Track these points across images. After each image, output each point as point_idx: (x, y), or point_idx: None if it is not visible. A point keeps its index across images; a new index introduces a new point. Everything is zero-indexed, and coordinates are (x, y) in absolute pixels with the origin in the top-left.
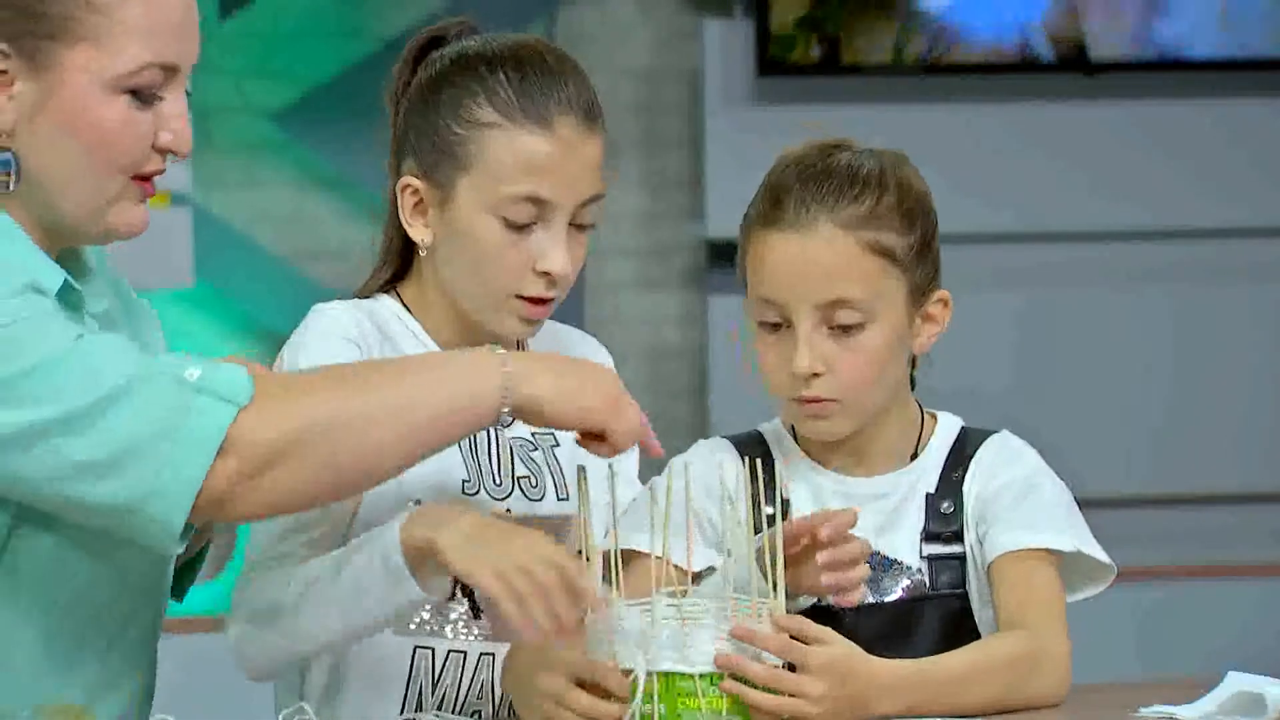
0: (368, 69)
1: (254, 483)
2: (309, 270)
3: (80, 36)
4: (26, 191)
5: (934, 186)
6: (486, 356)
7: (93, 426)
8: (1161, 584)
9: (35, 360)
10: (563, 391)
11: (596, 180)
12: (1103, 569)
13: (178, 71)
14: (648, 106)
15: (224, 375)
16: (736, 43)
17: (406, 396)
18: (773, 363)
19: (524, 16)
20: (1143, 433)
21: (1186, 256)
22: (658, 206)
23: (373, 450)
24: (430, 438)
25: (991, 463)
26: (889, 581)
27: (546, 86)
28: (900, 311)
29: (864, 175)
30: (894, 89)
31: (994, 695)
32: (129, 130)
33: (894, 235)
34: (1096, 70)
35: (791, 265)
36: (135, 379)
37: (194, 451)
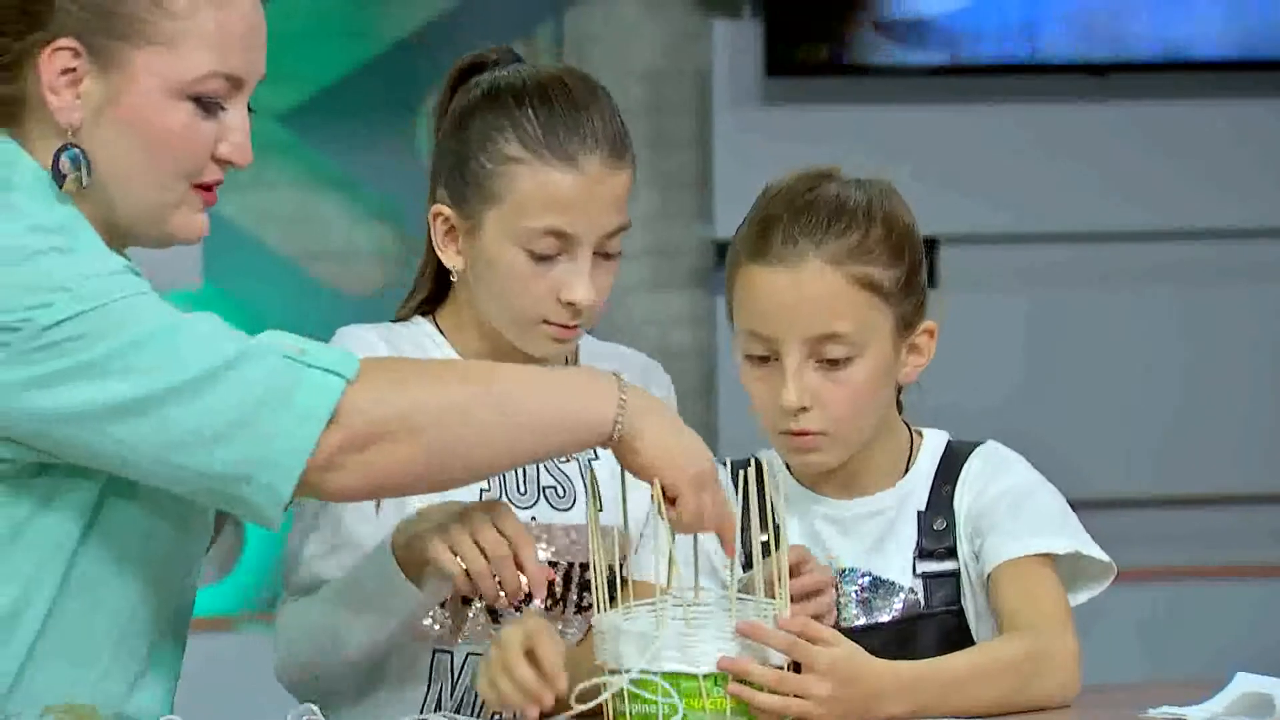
0: (375, 70)
1: (359, 457)
2: (316, 271)
3: (150, 39)
4: (89, 191)
5: (942, 187)
6: (607, 381)
7: (205, 396)
8: (1167, 585)
9: (148, 330)
10: (665, 445)
11: (621, 212)
12: (1102, 569)
13: (243, 84)
14: (656, 107)
15: (331, 352)
16: (745, 43)
17: (521, 397)
18: (761, 395)
19: (532, 19)
20: (1149, 433)
21: (1193, 257)
22: (666, 207)
23: (479, 442)
24: (537, 443)
25: (980, 474)
26: (881, 602)
27: (572, 123)
28: (887, 344)
29: (851, 207)
30: (902, 90)
31: (999, 696)
32: (190, 137)
33: (881, 269)
34: (1105, 71)
35: (779, 299)
36: (245, 352)
37: (304, 421)
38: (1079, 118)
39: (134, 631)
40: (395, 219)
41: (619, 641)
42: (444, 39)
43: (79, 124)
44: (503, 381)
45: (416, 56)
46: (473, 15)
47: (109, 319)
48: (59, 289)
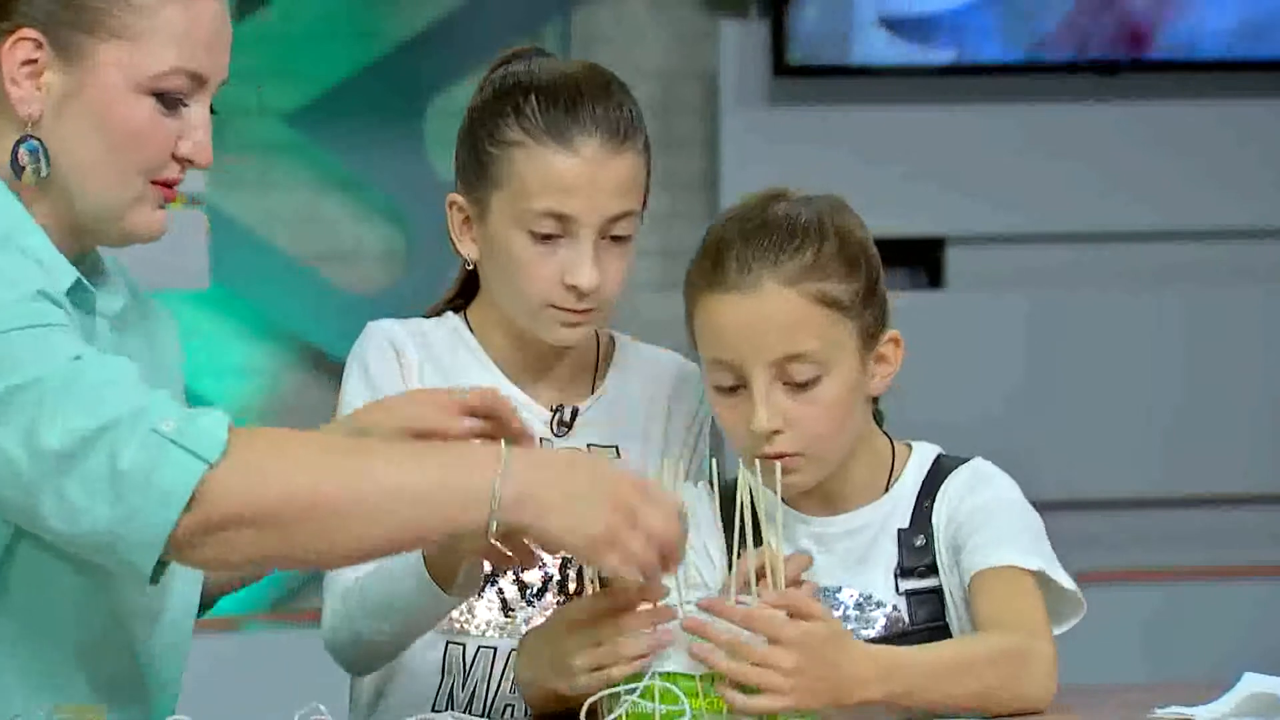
0: (382, 70)
1: (211, 538)
2: (324, 271)
3: (114, 33)
4: (48, 186)
5: (948, 187)
6: (488, 470)
7: (72, 467)
8: (1170, 585)
9: (31, 376)
10: (560, 517)
11: (626, 197)
12: (1072, 606)
13: (205, 83)
14: (663, 107)
15: (199, 428)
16: (752, 44)
17: (389, 498)
18: (732, 423)
19: (539, 19)
20: (1153, 433)
21: (1198, 257)
22: (674, 207)
23: (338, 542)
24: (402, 545)
25: (960, 489)
26: (864, 619)
27: (572, 108)
28: (854, 358)
29: (803, 225)
30: (909, 90)
31: (979, 690)
32: (152, 133)
33: (838, 283)
34: (1111, 71)
35: (740, 326)
36: (118, 420)
37: (162, 505)
38: (1084, 118)
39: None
40: (402, 219)
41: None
42: (450, 39)
43: (39, 116)
44: (374, 480)
45: (423, 57)
46: (479, 15)
47: (2, 350)
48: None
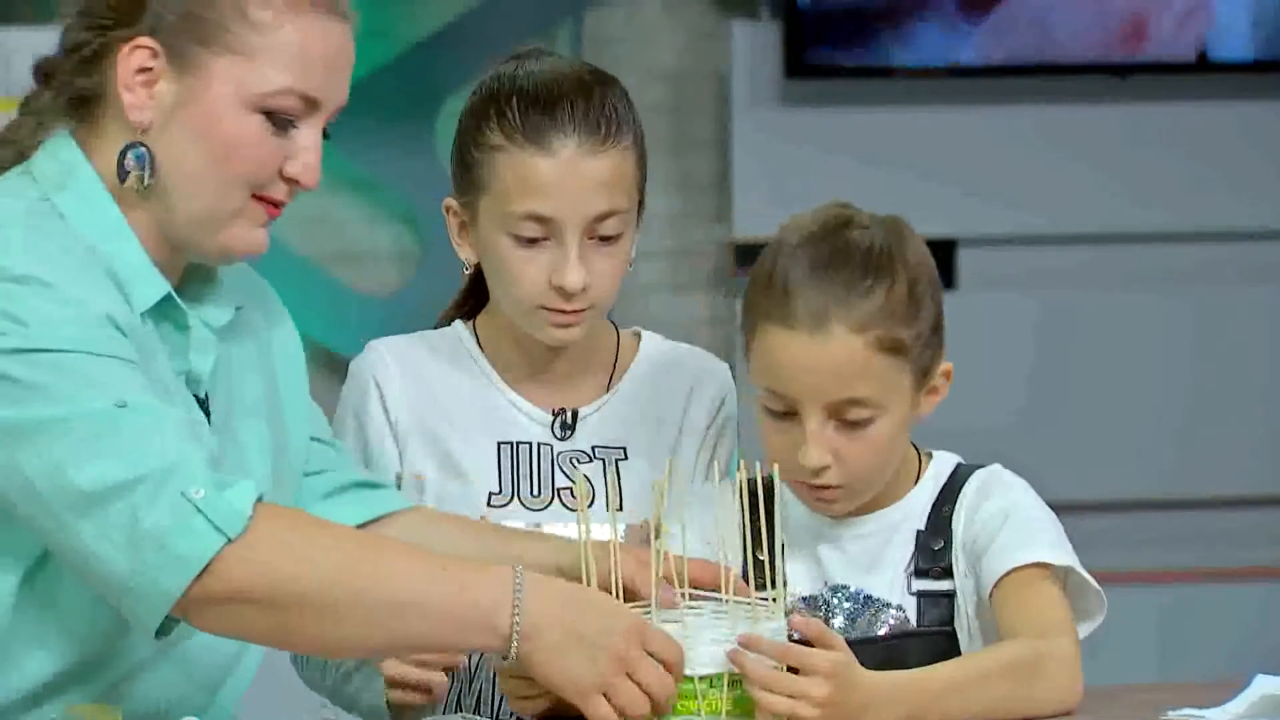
0: (395, 71)
1: (215, 608)
2: (337, 272)
3: (231, 48)
4: (149, 195)
5: (960, 189)
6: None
7: (94, 514)
8: (1181, 587)
9: (68, 411)
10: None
11: (611, 196)
12: (1096, 603)
13: (319, 106)
14: (675, 108)
15: (226, 501)
16: (764, 45)
17: (395, 601)
18: (779, 447)
19: (551, 20)
20: (1164, 434)
21: (1212, 259)
22: (685, 208)
23: (346, 637)
24: (403, 651)
25: (977, 495)
26: (869, 620)
27: (550, 109)
28: (908, 396)
29: (875, 263)
30: (921, 91)
31: (994, 700)
32: (258, 149)
33: (904, 327)
34: (1122, 73)
35: (802, 366)
36: (145, 477)
37: (175, 569)
38: (1096, 119)
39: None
40: (414, 220)
41: None
42: (464, 40)
43: (149, 124)
44: (389, 588)
45: (436, 57)
46: (492, 17)
47: (49, 372)
48: (16, 320)
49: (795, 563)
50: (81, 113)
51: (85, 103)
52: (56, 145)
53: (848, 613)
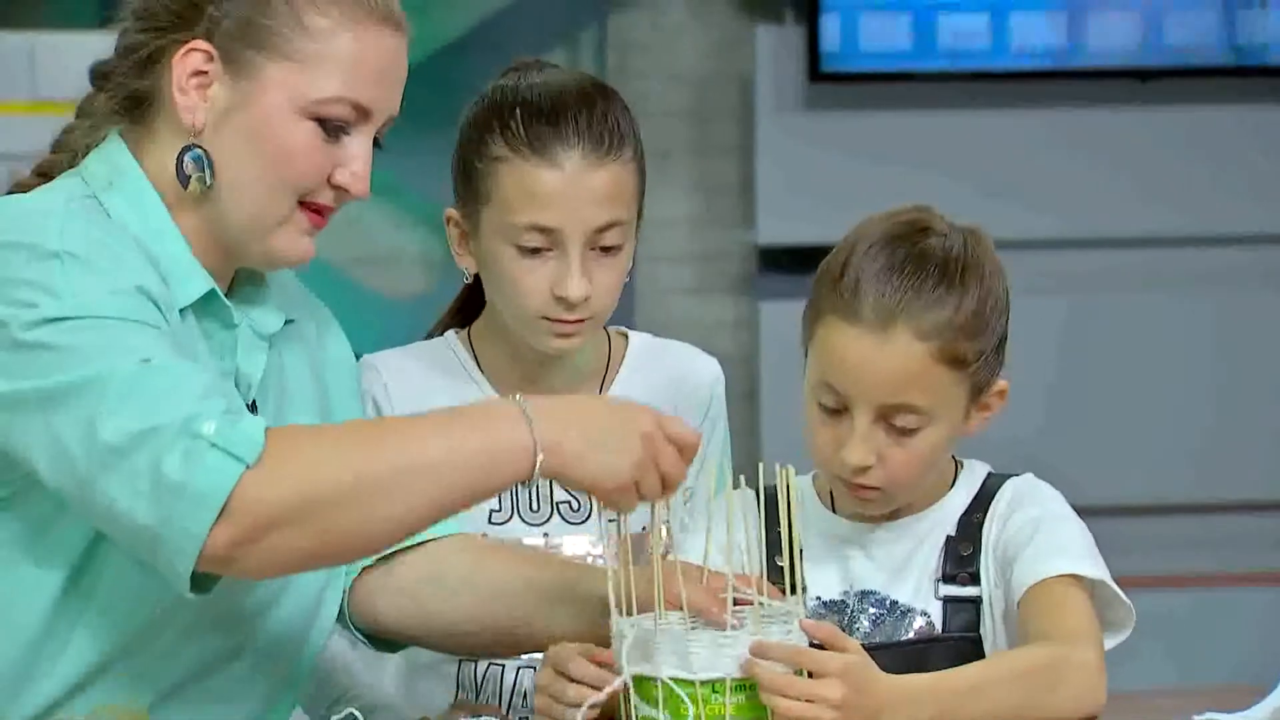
0: (420, 76)
1: (253, 547)
2: (360, 276)
3: (285, 55)
4: (199, 198)
5: (980, 192)
6: (514, 424)
7: (119, 466)
8: (1203, 591)
9: (98, 371)
10: (592, 463)
11: (612, 207)
12: (1124, 614)
13: (370, 116)
14: (699, 112)
15: (238, 431)
16: (788, 48)
17: (423, 463)
18: (824, 441)
19: (576, 24)
20: (1186, 438)
21: (1232, 262)
22: (709, 212)
23: (379, 519)
24: (445, 506)
25: (1010, 504)
26: (894, 625)
27: (554, 121)
28: (959, 410)
29: (950, 272)
30: (945, 95)
31: (1013, 705)
32: (308, 155)
33: (968, 342)
34: (1144, 77)
35: (860, 364)
36: (165, 425)
37: (198, 508)
38: (1119, 123)
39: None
40: (439, 224)
41: (626, 645)
42: (488, 44)
43: (201, 126)
44: (405, 450)
45: (461, 62)
46: (517, 21)
47: (77, 337)
48: (47, 291)
49: (822, 568)
50: (134, 115)
51: (138, 105)
52: (107, 147)
53: (873, 618)
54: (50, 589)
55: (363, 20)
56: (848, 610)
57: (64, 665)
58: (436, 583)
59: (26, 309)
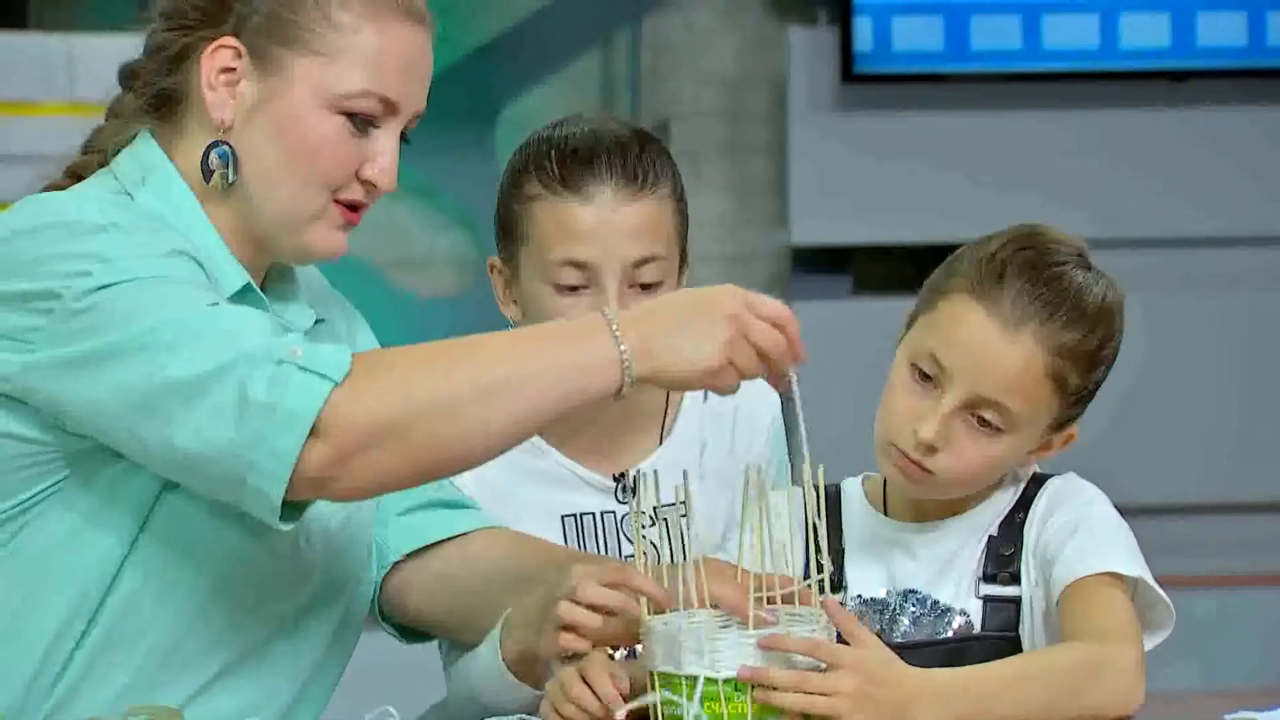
0: (455, 78)
1: (347, 468)
2: (396, 277)
3: (313, 49)
4: (231, 193)
5: (1011, 192)
6: (602, 332)
7: (201, 400)
8: (1229, 591)
9: (166, 318)
10: (682, 355)
11: (649, 241)
12: (1164, 614)
13: (397, 110)
14: (732, 113)
15: (324, 354)
16: (821, 50)
17: (515, 376)
18: (902, 409)
19: (609, 26)
20: (1216, 439)
21: (1262, 263)
22: (742, 213)
23: (475, 431)
24: (536, 419)
25: (1050, 503)
26: (931, 624)
27: (588, 160)
28: (1038, 434)
29: (1088, 305)
30: (976, 96)
31: (1046, 702)
32: (336, 149)
33: (1078, 374)
34: (1179, 78)
35: (979, 348)
36: (245, 355)
37: (287, 428)
38: (1148, 124)
39: (191, 649)
40: (473, 225)
41: (651, 642)
42: (522, 47)
43: (230, 123)
44: (496, 363)
45: (495, 64)
46: (551, 23)
47: (133, 297)
48: (98, 259)
49: (866, 567)
50: (163, 112)
51: (167, 102)
52: (137, 145)
53: (913, 616)
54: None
55: (386, 15)
56: (889, 609)
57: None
58: (469, 574)
59: (80, 278)
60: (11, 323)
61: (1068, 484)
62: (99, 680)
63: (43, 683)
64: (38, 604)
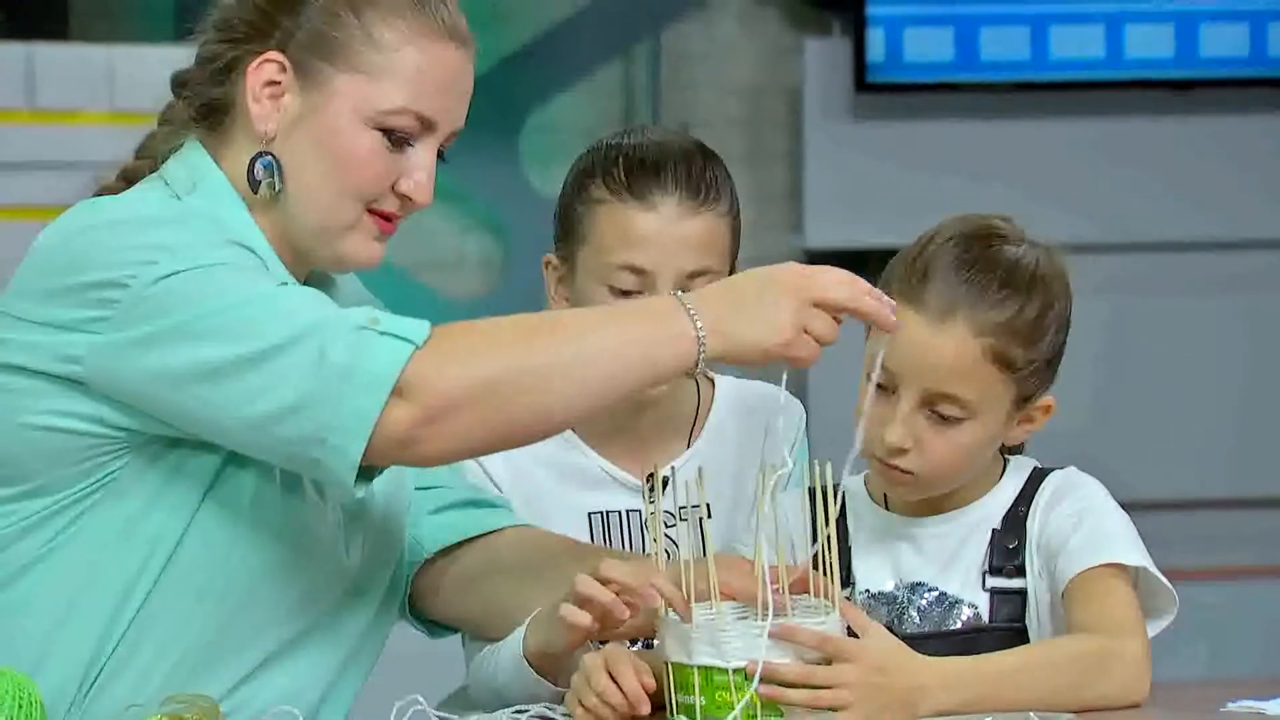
0: (482, 87)
1: (433, 429)
2: (428, 280)
3: (355, 67)
4: (272, 203)
5: (1019, 198)
6: (676, 310)
7: (280, 362)
8: (1234, 584)
9: (237, 298)
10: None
11: (705, 254)
12: (1167, 600)
13: (434, 127)
14: (751, 122)
15: (405, 321)
16: (835, 61)
17: (595, 350)
18: (870, 417)
19: (631, 37)
20: (1218, 435)
21: (1263, 265)
22: (761, 218)
23: (555, 399)
24: (615, 392)
25: (1053, 497)
26: (943, 615)
27: (655, 170)
28: (1002, 413)
29: (1017, 277)
30: (985, 105)
31: (1054, 690)
32: (372, 163)
33: (1020, 348)
34: (1183, 87)
35: (915, 349)
36: (321, 322)
37: (370, 387)
38: (1156, 132)
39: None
40: (500, 228)
41: (665, 633)
42: (547, 57)
43: (274, 134)
44: (577, 337)
45: (522, 74)
46: (576, 34)
47: (203, 282)
48: (164, 249)
49: (873, 562)
50: (211, 121)
51: (215, 112)
52: (187, 152)
53: (922, 608)
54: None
55: (429, 35)
56: (898, 602)
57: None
58: (497, 569)
59: (147, 267)
60: (81, 314)
61: (1069, 478)
62: (141, 669)
63: (95, 667)
64: (93, 589)
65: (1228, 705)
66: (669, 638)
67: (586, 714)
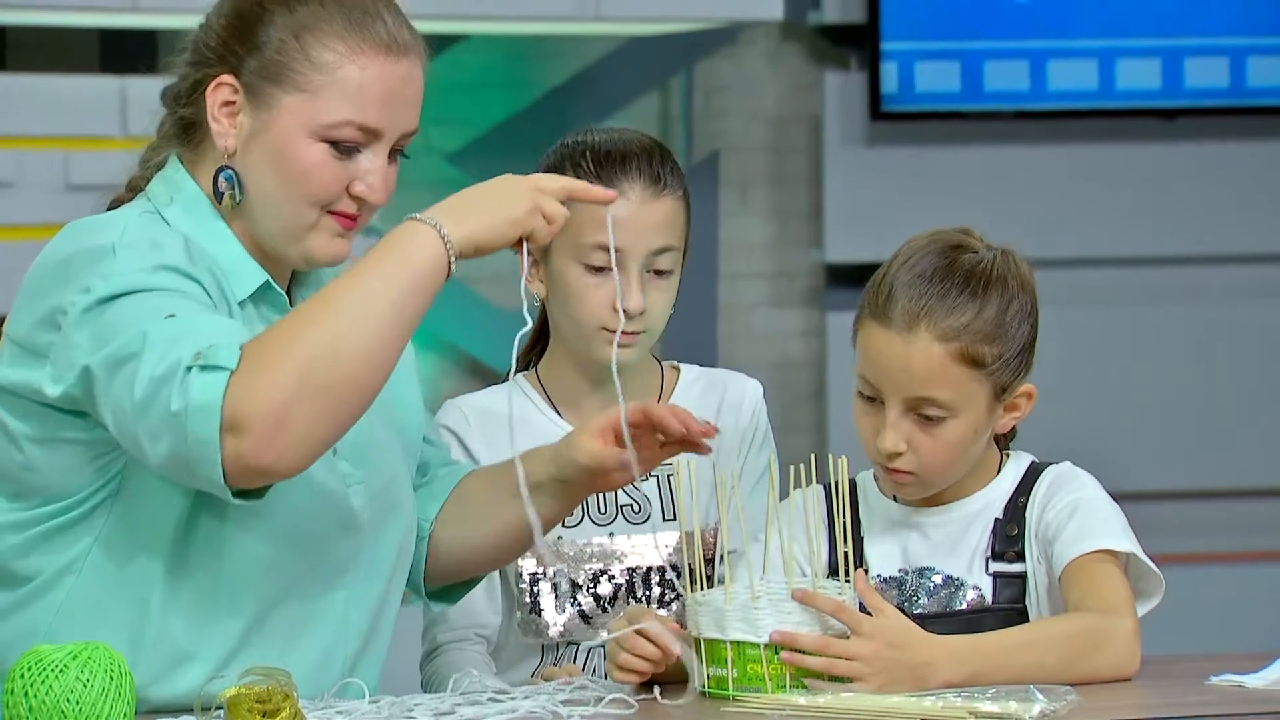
0: (530, 116)
1: (275, 448)
2: (482, 289)
3: (298, 87)
4: (240, 210)
5: (1020, 217)
6: (417, 228)
7: (145, 412)
8: (1215, 568)
9: (136, 333)
10: (494, 224)
11: (667, 233)
12: (1154, 583)
13: (380, 135)
14: (775, 148)
15: (220, 348)
16: (852, 92)
17: (366, 294)
18: (865, 429)
19: (666, 71)
20: (1200, 432)
21: (1241, 277)
22: (784, 235)
23: (358, 361)
24: (401, 321)
25: (1050, 488)
26: (947, 594)
27: (621, 159)
28: (982, 407)
29: (975, 282)
30: (988, 132)
31: (1052, 665)
32: (321, 172)
33: (986, 346)
34: (1171, 116)
35: (889, 362)
36: (171, 370)
37: (201, 422)
38: (1145, 157)
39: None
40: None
41: (697, 613)
42: (591, 88)
43: (233, 149)
44: (343, 294)
45: (566, 103)
46: (615, 68)
47: (126, 310)
48: (101, 277)
49: (881, 548)
50: (186, 137)
51: (189, 129)
52: (166, 170)
53: (929, 590)
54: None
55: (366, 52)
56: (907, 585)
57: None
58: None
59: (83, 294)
60: (44, 339)
61: (1064, 471)
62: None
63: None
64: (137, 557)
65: (1212, 679)
66: (702, 615)
67: (624, 673)
